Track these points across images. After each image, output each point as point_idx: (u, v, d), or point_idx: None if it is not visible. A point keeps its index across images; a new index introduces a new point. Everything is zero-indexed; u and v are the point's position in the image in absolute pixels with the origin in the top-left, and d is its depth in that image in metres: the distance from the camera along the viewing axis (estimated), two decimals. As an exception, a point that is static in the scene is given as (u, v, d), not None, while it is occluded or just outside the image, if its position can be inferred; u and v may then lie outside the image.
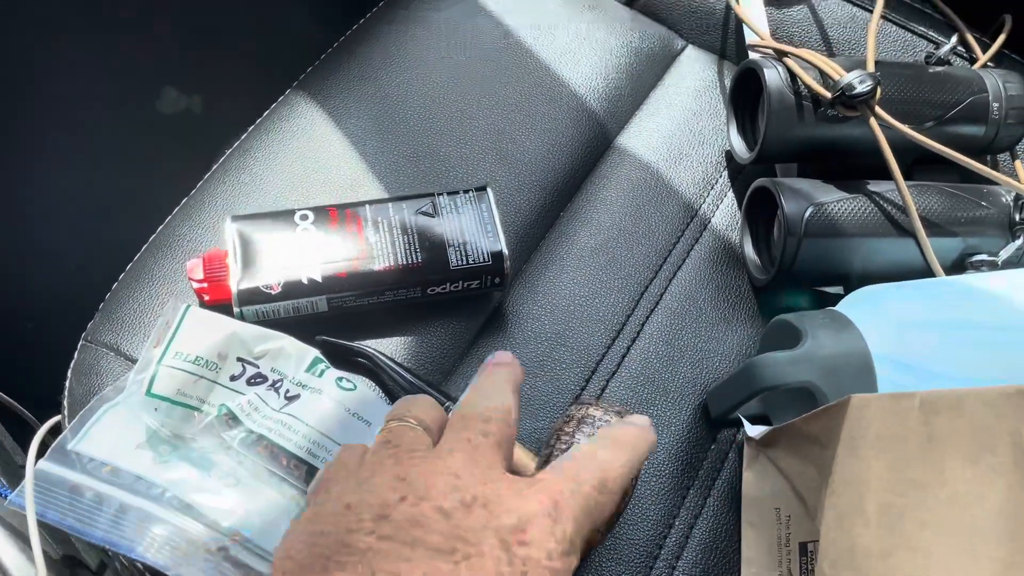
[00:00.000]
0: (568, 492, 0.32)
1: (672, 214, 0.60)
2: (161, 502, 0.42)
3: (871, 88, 0.52)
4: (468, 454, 0.33)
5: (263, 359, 0.47)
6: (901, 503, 0.33)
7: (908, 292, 0.50)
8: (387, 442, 0.34)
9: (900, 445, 0.34)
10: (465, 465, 0.32)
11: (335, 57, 0.65)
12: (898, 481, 0.34)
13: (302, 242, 0.51)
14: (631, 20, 0.69)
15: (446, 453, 0.33)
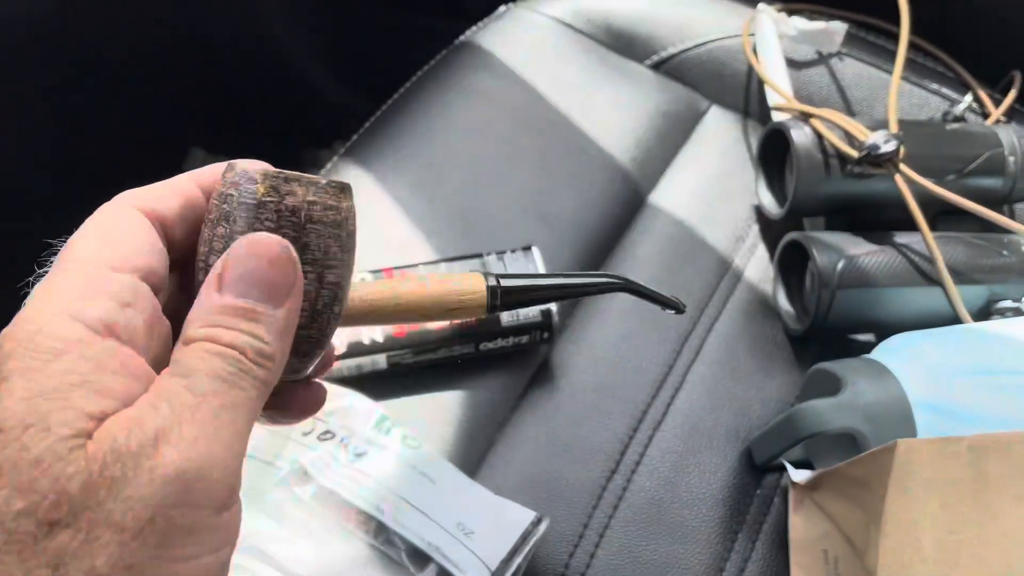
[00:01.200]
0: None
1: (706, 267, 0.63)
2: (241, 551, 0.45)
3: (895, 147, 0.56)
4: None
5: (332, 416, 0.50)
6: (957, 539, 0.35)
7: (939, 339, 0.52)
8: None
9: (952, 486, 0.37)
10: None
11: (379, 125, 0.68)
12: (952, 519, 0.36)
13: (362, 303, 0.54)
14: (657, 83, 0.73)
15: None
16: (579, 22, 0.75)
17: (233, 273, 0.25)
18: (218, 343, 0.24)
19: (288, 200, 0.26)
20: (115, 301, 0.24)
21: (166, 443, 0.22)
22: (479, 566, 0.46)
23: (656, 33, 0.75)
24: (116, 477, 0.21)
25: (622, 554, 0.51)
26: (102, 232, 0.26)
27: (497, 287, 0.30)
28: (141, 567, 0.21)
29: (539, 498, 0.52)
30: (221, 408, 0.23)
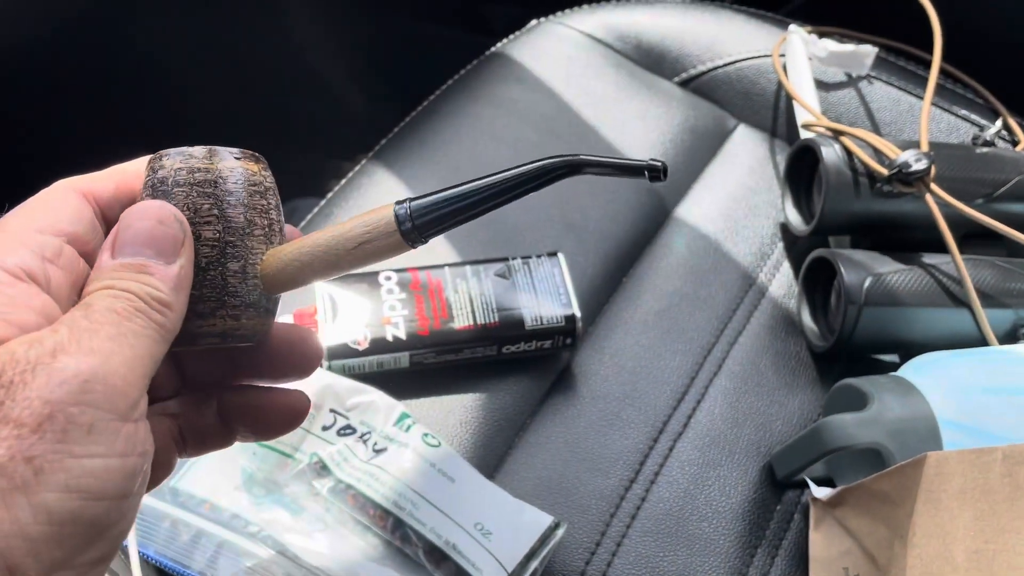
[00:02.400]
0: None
1: (731, 282, 0.62)
2: (256, 540, 0.44)
3: (927, 166, 0.55)
4: None
5: (353, 411, 0.49)
6: (992, 548, 0.35)
7: (967, 359, 0.52)
8: None
9: (986, 495, 0.36)
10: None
11: (408, 130, 0.69)
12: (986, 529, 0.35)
13: (387, 301, 0.54)
14: (685, 100, 0.73)
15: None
16: (609, 37, 0.76)
17: (124, 236, 0.27)
18: (114, 288, 0.25)
19: (159, 173, 0.28)
20: (36, 254, 0.26)
21: (63, 353, 0.23)
22: (496, 567, 0.45)
23: (686, 50, 0.75)
24: (14, 381, 0.22)
25: (639, 564, 0.50)
26: (34, 204, 0.28)
27: (407, 205, 0.28)
28: (42, 459, 0.22)
29: (557, 504, 0.51)
30: (119, 334, 0.24)
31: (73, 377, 0.22)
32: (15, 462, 0.21)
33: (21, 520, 0.21)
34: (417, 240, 0.28)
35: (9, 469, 0.21)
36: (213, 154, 0.29)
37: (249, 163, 0.29)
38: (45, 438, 0.22)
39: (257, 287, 0.29)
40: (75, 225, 0.27)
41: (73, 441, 0.22)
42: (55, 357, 0.23)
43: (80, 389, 0.22)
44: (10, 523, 0.21)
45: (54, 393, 0.22)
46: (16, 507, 0.21)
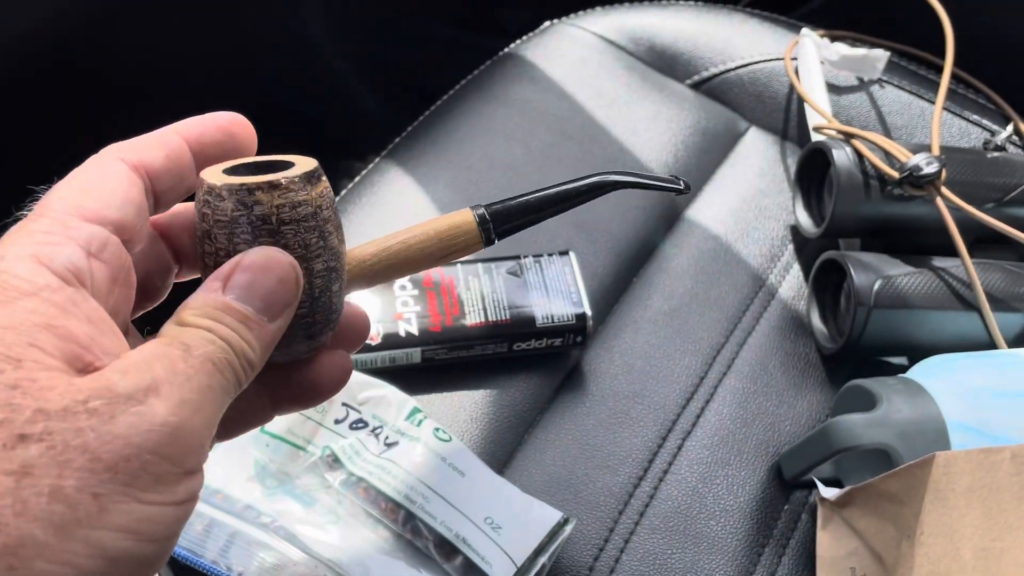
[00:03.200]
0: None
1: (741, 283, 0.63)
2: (268, 531, 0.45)
3: (938, 169, 0.56)
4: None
5: (365, 405, 0.50)
6: (999, 547, 0.35)
7: (976, 362, 0.52)
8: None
9: (994, 494, 0.36)
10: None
11: (422, 129, 0.69)
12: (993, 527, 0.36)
13: (399, 297, 0.54)
14: (697, 102, 0.73)
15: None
16: (622, 39, 0.76)
17: (241, 279, 0.26)
18: (214, 334, 0.25)
19: (256, 210, 0.27)
20: (83, 249, 0.25)
21: (156, 396, 0.23)
22: (505, 560, 0.46)
23: (698, 53, 0.75)
24: (100, 412, 0.22)
25: (647, 560, 0.50)
26: (81, 181, 0.27)
27: (483, 211, 0.31)
28: (108, 498, 0.22)
29: (566, 500, 0.52)
30: (208, 387, 0.24)
31: (160, 427, 0.22)
32: (82, 494, 0.21)
33: (76, 552, 0.21)
34: (491, 240, 0.31)
35: (74, 500, 0.21)
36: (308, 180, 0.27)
37: (325, 180, 0.28)
38: (116, 479, 0.22)
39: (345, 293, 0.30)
40: (123, 210, 0.27)
41: (140, 487, 0.22)
42: (147, 397, 0.23)
43: (162, 441, 0.22)
44: (62, 552, 0.21)
45: (138, 437, 0.22)
46: (73, 539, 0.21)
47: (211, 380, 0.24)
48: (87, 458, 0.21)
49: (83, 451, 0.21)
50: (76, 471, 0.21)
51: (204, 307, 0.26)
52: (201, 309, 0.26)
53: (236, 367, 0.25)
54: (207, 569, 0.44)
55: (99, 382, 0.22)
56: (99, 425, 0.22)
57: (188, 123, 0.30)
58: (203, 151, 0.30)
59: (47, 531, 0.21)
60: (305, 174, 0.27)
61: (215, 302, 0.26)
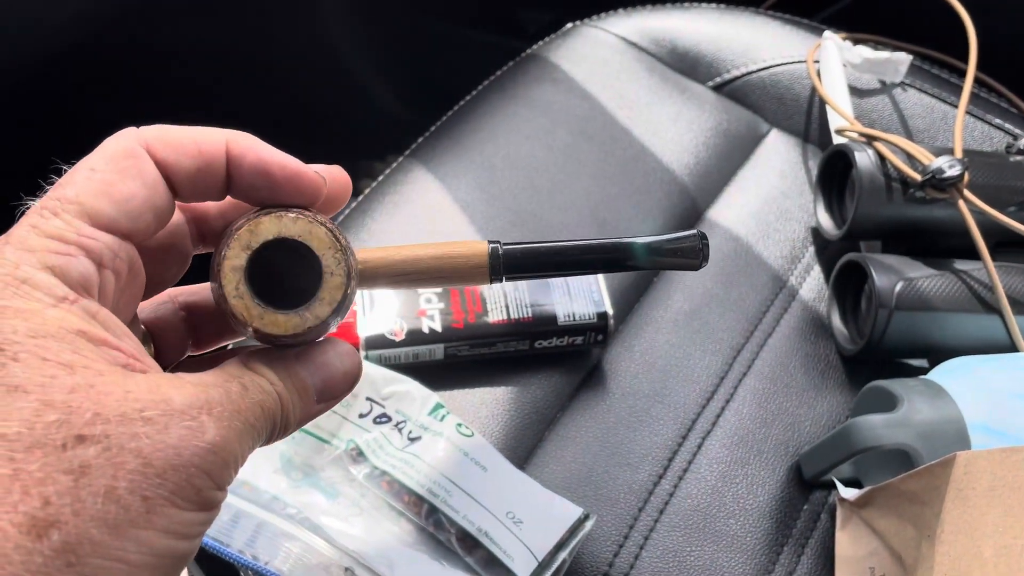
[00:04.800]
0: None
1: (761, 284, 0.63)
2: (293, 522, 0.45)
3: (960, 172, 0.56)
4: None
5: (389, 400, 0.51)
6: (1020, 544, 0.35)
7: (998, 364, 0.52)
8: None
9: (1015, 492, 0.37)
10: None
11: (445, 129, 0.70)
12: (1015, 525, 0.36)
13: (423, 294, 0.55)
14: (719, 104, 0.74)
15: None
16: (644, 41, 0.77)
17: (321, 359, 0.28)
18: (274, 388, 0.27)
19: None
20: (93, 263, 0.25)
21: (209, 415, 0.24)
22: (527, 555, 0.46)
23: (720, 55, 0.76)
24: (155, 421, 0.23)
25: (666, 558, 0.51)
26: (101, 177, 0.25)
27: (499, 249, 0.29)
28: (155, 501, 0.23)
29: (586, 496, 0.52)
30: (252, 426, 0.26)
31: (208, 444, 0.24)
32: (134, 496, 0.22)
33: (127, 549, 0.22)
34: (496, 279, 0.30)
35: (127, 501, 0.22)
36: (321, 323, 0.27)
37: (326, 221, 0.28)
38: (164, 485, 0.23)
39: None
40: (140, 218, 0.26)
41: (183, 495, 0.23)
42: (199, 415, 0.24)
43: (208, 459, 0.24)
44: (115, 550, 0.22)
45: (187, 450, 0.23)
46: (125, 537, 0.22)
47: (256, 422, 0.26)
48: (140, 462, 0.23)
49: (136, 455, 0.22)
50: (129, 473, 0.22)
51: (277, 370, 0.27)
52: (271, 365, 0.27)
53: (276, 425, 0.27)
54: (234, 558, 0.44)
55: (156, 394, 0.24)
56: (153, 433, 0.23)
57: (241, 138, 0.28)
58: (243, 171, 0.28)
59: (102, 530, 0.22)
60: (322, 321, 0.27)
61: (286, 365, 0.28)
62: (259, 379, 0.27)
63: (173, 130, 0.27)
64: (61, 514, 0.21)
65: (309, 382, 0.28)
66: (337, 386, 0.29)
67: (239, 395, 0.26)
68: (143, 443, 0.23)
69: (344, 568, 0.44)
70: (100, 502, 0.22)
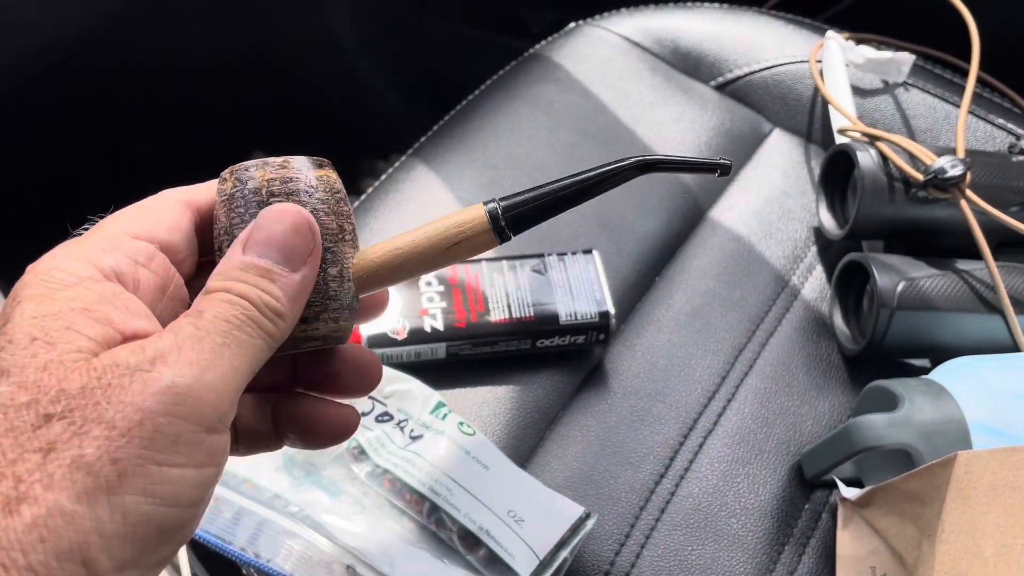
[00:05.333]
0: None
1: (763, 284, 0.63)
2: (295, 520, 0.46)
3: (962, 172, 0.56)
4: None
5: (391, 399, 0.51)
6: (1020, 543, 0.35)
7: (1000, 364, 0.52)
8: None
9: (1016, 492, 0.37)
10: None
11: (448, 128, 0.70)
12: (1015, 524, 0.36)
13: (425, 293, 0.55)
14: (721, 104, 0.74)
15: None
16: (647, 41, 0.77)
17: (258, 236, 0.27)
18: (232, 293, 0.26)
19: (249, 184, 0.29)
20: (129, 258, 0.27)
21: (163, 363, 0.24)
22: (528, 553, 0.46)
23: (723, 55, 0.76)
24: (112, 385, 0.23)
25: (667, 556, 0.51)
26: (136, 209, 0.29)
27: (497, 208, 0.29)
28: (125, 462, 0.23)
29: (587, 495, 0.52)
30: (223, 344, 0.25)
31: (167, 389, 0.23)
32: (102, 462, 0.22)
33: (100, 518, 0.22)
34: (505, 237, 0.30)
35: (96, 468, 0.22)
36: (297, 164, 0.29)
37: (329, 171, 0.30)
38: (132, 443, 0.23)
39: (351, 289, 0.30)
40: (172, 235, 0.29)
41: (158, 449, 0.23)
42: (154, 366, 0.24)
43: (172, 401, 0.23)
44: (90, 520, 0.22)
45: (146, 402, 0.23)
46: (97, 505, 0.22)
47: (226, 338, 0.25)
48: (103, 427, 0.23)
49: (99, 422, 0.23)
50: (94, 440, 0.23)
51: (226, 270, 0.27)
52: (223, 273, 0.27)
53: (261, 320, 0.26)
54: (236, 556, 0.45)
55: (111, 359, 0.24)
56: (112, 396, 0.23)
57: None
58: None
59: (72, 499, 0.22)
60: (302, 158, 0.29)
61: (236, 263, 0.27)
62: (215, 296, 0.26)
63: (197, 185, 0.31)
64: (32, 490, 0.22)
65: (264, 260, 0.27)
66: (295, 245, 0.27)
67: (194, 324, 0.25)
68: (104, 410, 0.23)
69: (346, 566, 0.45)
70: (68, 472, 0.22)
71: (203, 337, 0.25)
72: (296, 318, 0.28)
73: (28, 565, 0.21)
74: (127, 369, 0.23)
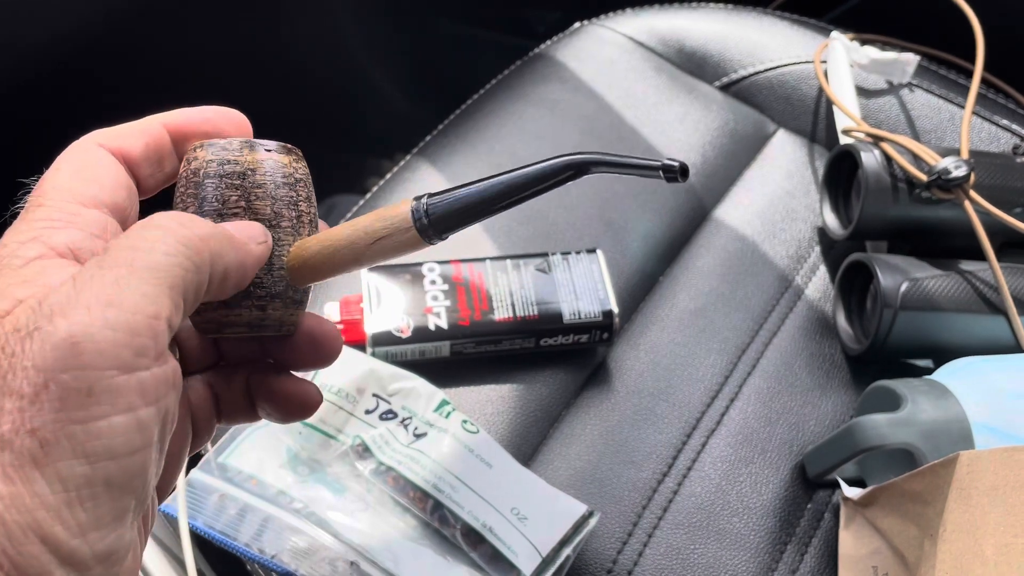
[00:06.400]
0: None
1: (767, 284, 0.63)
2: (300, 516, 0.46)
3: (966, 173, 0.56)
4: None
5: (395, 396, 0.51)
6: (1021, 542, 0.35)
7: (1003, 364, 0.52)
8: None
9: (1017, 492, 0.37)
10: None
11: (452, 127, 0.70)
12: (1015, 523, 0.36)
13: (429, 292, 0.55)
14: (726, 104, 0.74)
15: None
16: (652, 41, 0.77)
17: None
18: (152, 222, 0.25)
19: (193, 164, 0.29)
20: (83, 231, 0.26)
21: (61, 315, 0.22)
22: (531, 550, 0.47)
23: (727, 55, 0.76)
24: (16, 353, 0.22)
25: (670, 555, 0.51)
26: (72, 169, 0.27)
27: (424, 201, 0.27)
28: (44, 429, 0.21)
29: (590, 494, 0.52)
30: (127, 274, 0.23)
31: (63, 341, 0.21)
32: (20, 436, 0.21)
33: (39, 492, 0.21)
34: (434, 236, 0.28)
35: (16, 444, 0.21)
36: (246, 146, 0.29)
37: (280, 155, 0.29)
38: (44, 408, 0.21)
39: (283, 278, 0.29)
40: (115, 194, 0.27)
41: (72, 407, 0.21)
42: (51, 320, 0.22)
43: (71, 353, 0.21)
44: (29, 496, 0.21)
45: (46, 360, 0.21)
46: (31, 481, 0.21)
47: (132, 265, 0.23)
48: (13, 399, 0.21)
49: (8, 394, 0.21)
50: (8, 415, 0.21)
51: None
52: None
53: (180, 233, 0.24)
54: (241, 552, 0.45)
55: (12, 324, 0.22)
56: (16, 363, 0.21)
57: (173, 113, 0.30)
58: (186, 141, 0.30)
59: (3, 482, 0.21)
60: (246, 140, 0.29)
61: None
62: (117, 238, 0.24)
63: (116, 127, 0.29)
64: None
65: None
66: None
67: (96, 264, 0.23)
68: (11, 380, 0.21)
69: (350, 562, 0.45)
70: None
71: (103, 275, 0.22)
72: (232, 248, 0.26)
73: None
74: (27, 330, 0.22)
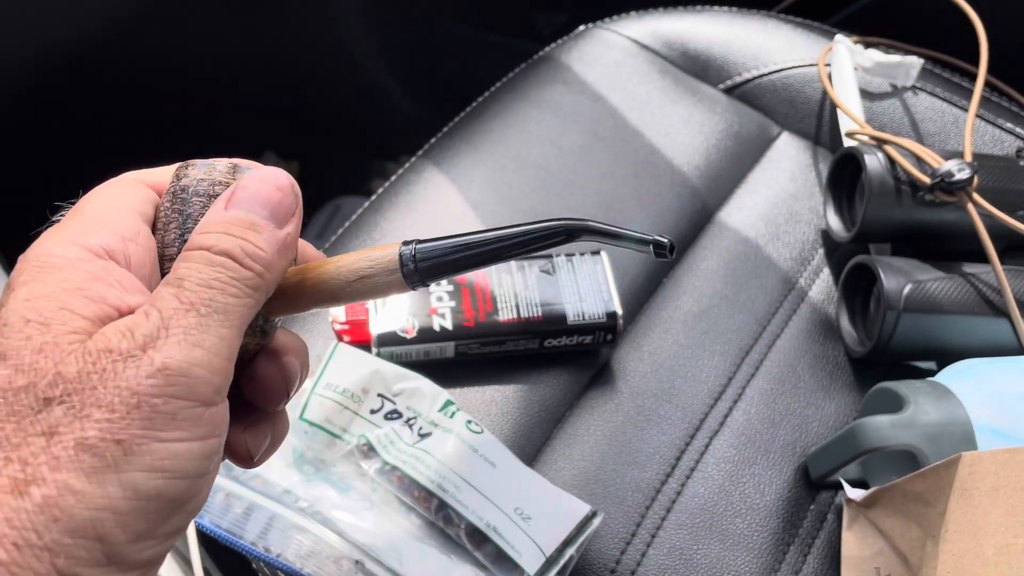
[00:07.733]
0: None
1: (771, 286, 0.63)
2: (305, 515, 0.46)
3: (969, 176, 0.56)
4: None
5: (400, 396, 0.51)
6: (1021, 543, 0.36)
7: (1005, 366, 0.52)
8: None
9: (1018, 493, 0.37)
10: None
11: (457, 129, 0.71)
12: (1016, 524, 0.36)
13: (434, 293, 0.56)
14: (730, 106, 0.74)
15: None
16: (656, 44, 0.77)
17: (241, 194, 0.28)
18: (213, 251, 0.26)
19: (182, 181, 0.29)
20: (116, 235, 0.27)
21: (152, 347, 0.24)
22: (535, 550, 0.47)
23: (731, 58, 0.76)
24: (107, 371, 0.24)
25: (673, 555, 0.51)
26: (106, 190, 0.29)
27: (413, 247, 0.28)
28: (130, 441, 0.23)
29: (594, 494, 0.53)
30: (208, 315, 0.25)
31: (158, 372, 0.24)
32: (106, 443, 0.23)
33: (111, 495, 0.23)
34: (418, 283, 0.28)
35: (101, 449, 0.23)
36: (235, 169, 0.29)
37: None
38: (133, 423, 0.23)
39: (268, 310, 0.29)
40: (146, 206, 0.29)
41: (158, 427, 0.24)
42: (144, 351, 0.24)
43: (165, 383, 0.24)
44: (101, 498, 0.23)
45: (141, 386, 0.24)
46: (107, 483, 0.23)
47: (210, 306, 0.25)
48: (103, 410, 0.23)
49: (98, 406, 0.23)
50: (96, 423, 0.23)
51: (209, 226, 0.27)
52: (207, 228, 0.27)
53: (245, 276, 0.26)
54: (246, 550, 0.45)
55: (104, 344, 0.24)
56: (108, 381, 0.24)
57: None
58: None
59: (80, 479, 0.23)
60: (236, 163, 0.29)
61: (219, 218, 0.27)
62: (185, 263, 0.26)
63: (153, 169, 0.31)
64: (39, 472, 0.23)
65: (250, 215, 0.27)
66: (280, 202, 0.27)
67: (175, 297, 0.25)
68: (102, 394, 0.24)
69: (354, 561, 0.45)
70: (73, 454, 0.23)
71: (187, 311, 0.25)
72: (281, 274, 0.28)
73: (44, 544, 0.22)
74: (119, 355, 0.24)
